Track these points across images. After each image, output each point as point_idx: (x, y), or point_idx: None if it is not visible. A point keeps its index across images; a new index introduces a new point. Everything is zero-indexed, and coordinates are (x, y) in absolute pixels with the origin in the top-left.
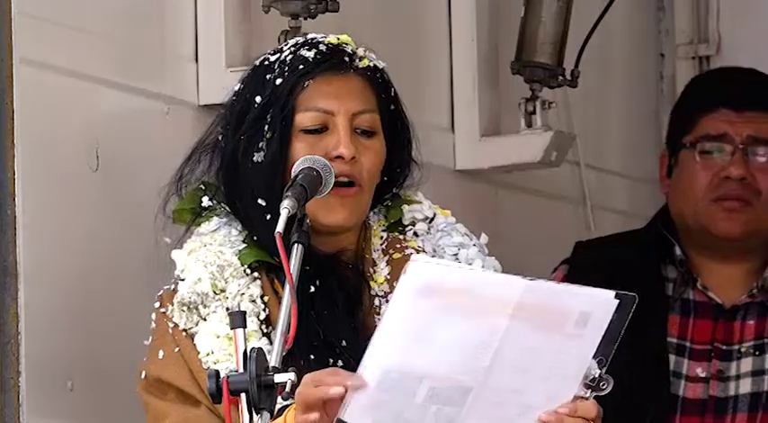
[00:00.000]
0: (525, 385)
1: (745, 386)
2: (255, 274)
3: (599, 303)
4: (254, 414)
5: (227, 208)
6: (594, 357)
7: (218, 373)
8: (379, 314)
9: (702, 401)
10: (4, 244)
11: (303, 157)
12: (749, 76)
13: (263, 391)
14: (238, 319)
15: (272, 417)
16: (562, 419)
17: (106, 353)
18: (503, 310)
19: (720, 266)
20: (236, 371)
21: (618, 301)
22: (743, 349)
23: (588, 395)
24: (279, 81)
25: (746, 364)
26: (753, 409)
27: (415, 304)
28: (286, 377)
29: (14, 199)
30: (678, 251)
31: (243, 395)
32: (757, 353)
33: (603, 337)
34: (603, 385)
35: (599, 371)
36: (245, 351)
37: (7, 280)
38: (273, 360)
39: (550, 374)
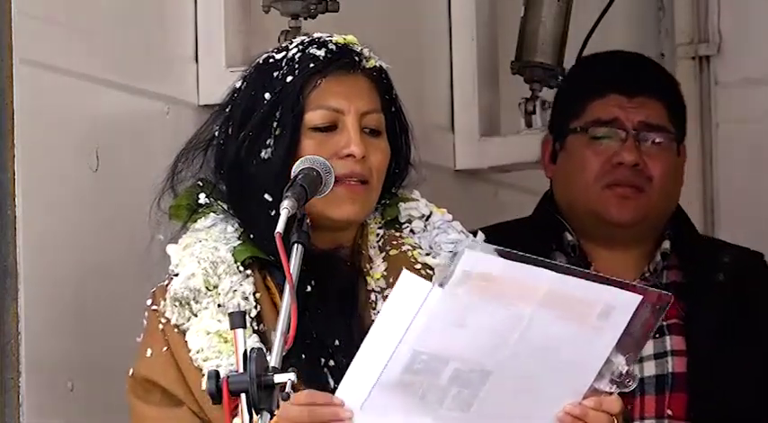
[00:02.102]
0: (544, 373)
1: (650, 369)
2: (248, 271)
3: (622, 299)
4: (255, 414)
5: (224, 205)
6: (623, 354)
7: (218, 373)
8: (374, 309)
9: None
10: (4, 244)
11: (303, 158)
12: (638, 60)
13: (262, 392)
14: (238, 320)
15: (272, 417)
16: (587, 413)
17: (106, 353)
18: (532, 297)
19: (610, 252)
20: (236, 371)
21: (641, 297)
22: None
23: (613, 390)
24: (289, 78)
25: (648, 348)
26: (659, 391)
27: (454, 290)
28: (286, 377)
29: (14, 199)
30: (569, 237)
31: (243, 395)
32: (656, 336)
33: (633, 333)
34: (629, 382)
35: (626, 367)
36: (246, 351)
37: (7, 280)
38: (273, 360)
39: (569, 365)
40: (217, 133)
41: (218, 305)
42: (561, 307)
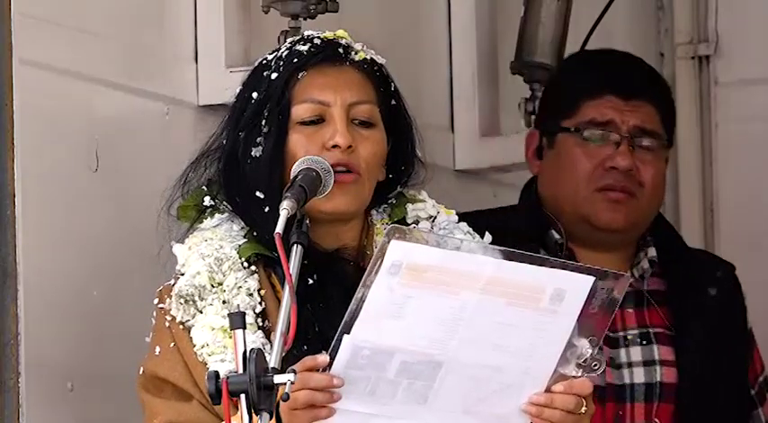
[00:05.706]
0: (502, 362)
1: (639, 376)
2: (253, 267)
3: (574, 281)
4: (254, 415)
5: (229, 206)
6: (586, 337)
7: (217, 374)
8: None
9: (602, 389)
10: (4, 244)
11: (302, 158)
12: (634, 62)
13: (262, 392)
14: (237, 321)
15: (272, 417)
16: (552, 399)
17: (106, 354)
18: (473, 284)
19: (594, 254)
20: (236, 371)
21: (593, 278)
22: (629, 337)
23: (580, 374)
24: (274, 76)
25: (636, 353)
26: (648, 400)
27: (386, 282)
28: (285, 378)
29: (14, 199)
30: (556, 235)
31: (242, 396)
32: (644, 343)
33: (593, 316)
34: (596, 366)
35: (591, 351)
36: (245, 352)
37: (7, 280)
38: (273, 361)
39: (528, 351)
40: (224, 140)
41: (223, 302)
42: (507, 293)
